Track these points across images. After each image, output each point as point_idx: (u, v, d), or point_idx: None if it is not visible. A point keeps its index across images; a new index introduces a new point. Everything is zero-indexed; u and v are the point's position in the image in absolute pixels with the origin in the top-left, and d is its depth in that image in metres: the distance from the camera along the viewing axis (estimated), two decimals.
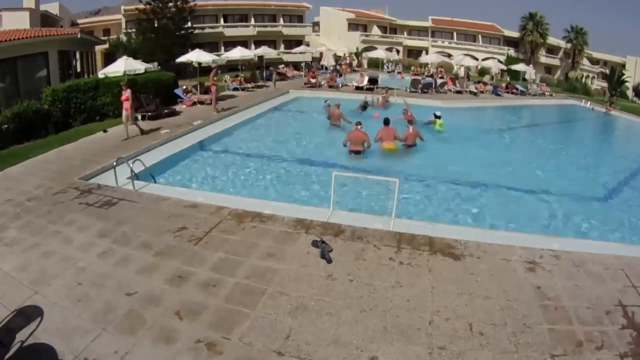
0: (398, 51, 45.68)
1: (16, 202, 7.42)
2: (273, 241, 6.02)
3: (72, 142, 11.54)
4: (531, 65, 34.64)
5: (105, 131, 12.70)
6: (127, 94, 11.60)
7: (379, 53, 33.92)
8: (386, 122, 12.03)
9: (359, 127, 11.53)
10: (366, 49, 41.41)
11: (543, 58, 45.75)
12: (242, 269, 5.32)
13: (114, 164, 8.40)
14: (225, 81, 22.92)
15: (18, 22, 21.95)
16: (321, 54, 35.16)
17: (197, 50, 21.95)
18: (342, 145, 11.56)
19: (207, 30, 36.80)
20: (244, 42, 33.32)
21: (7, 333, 4.17)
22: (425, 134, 12.85)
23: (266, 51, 27.00)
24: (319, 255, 5.58)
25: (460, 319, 4.42)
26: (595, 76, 44.48)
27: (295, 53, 37.09)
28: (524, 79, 30.33)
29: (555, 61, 46.28)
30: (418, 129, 12.62)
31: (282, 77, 27.67)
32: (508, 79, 34.48)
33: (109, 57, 27.13)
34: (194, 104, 17.40)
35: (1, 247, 5.90)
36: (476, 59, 36.74)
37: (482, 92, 26.14)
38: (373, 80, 24.53)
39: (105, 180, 8.45)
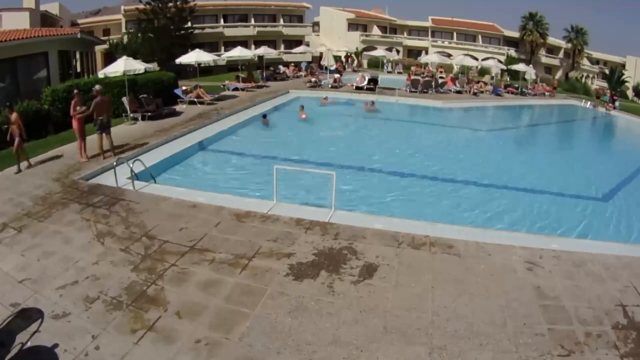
0: (398, 51, 45.63)
1: (16, 202, 7.41)
2: (273, 241, 6.02)
3: (72, 142, 11.50)
4: (531, 65, 34.57)
5: None
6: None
7: (379, 53, 33.93)
8: None
9: None
10: (366, 49, 41.36)
11: (543, 58, 45.73)
12: (242, 268, 5.32)
13: (114, 164, 8.40)
14: (224, 85, 22.72)
15: (18, 22, 21.94)
16: (321, 53, 35.14)
17: (197, 50, 21.91)
18: None
19: (207, 30, 36.79)
20: (244, 42, 33.26)
21: (7, 334, 4.18)
22: None
23: (266, 51, 26.96)
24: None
25: (460, 319, 4.42)
26: (595, 76, 44.43)
27: (295, 53, 37.07)
28: (524, 79, 30.30)
29: (555, 61, 46.23)
30: None
31: (282, 76, 27.69)
32: (508, 79, 34.47)
33: (109, 57, 27.09)
34: (192, 103, 17.33)
35: (1, 247, 5.90)
36: (476, 59, 36.69)
37: (482, 92, 26.13)
38: (373, 81, 24.52)
39: (105, 180, 8.45)
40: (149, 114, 14.40)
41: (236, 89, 21.86)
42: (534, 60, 43.11)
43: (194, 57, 20.76)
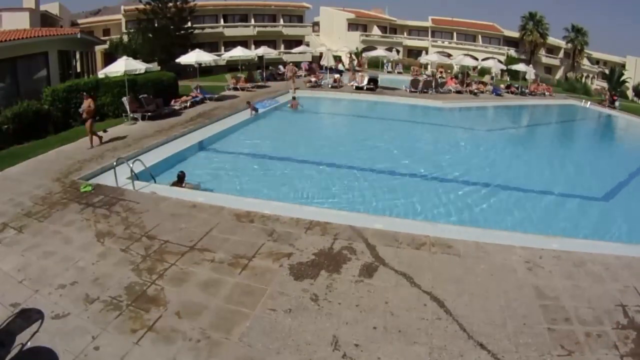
0: (398, 51, 45.63)
1: (16, 202, 7.41)
2: (273, 241, 6.02)
3: (72, 142, 11.54)
4: (531, 65, 34.55)
5: (105, 131, 12.69)
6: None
7: (379, 53, 33.94)
8: None
9: None
10: (366, 49, 41.35)
11: (543, 58, 45.73)
12: (242, 268, 5.32)
13: (114, 164, 8.40)
14: (227, 86, 22.74)
15: (18, 22, 21.91)
16: (321, 53, 35.14)
17: (197, 50, 21.91)
18: None
19: (207, 30, 36.74)
20: (244, 42, 33.24)
21: (7, 334, 4.17)
22: None
23: (266, 51, 26.94)
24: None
25: (460, 319, 4.42)
26: (595, 76, 44.42)
27: (295, 53, 37.06)
28: (524, 79, 30.29)
29: (555, 61, 46.22)
30: None
31: (282, 76, 27.75)
32: (508, 79, 34.46)
33: (109, 57, 27.07)
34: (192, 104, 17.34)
35: (1, 247, 5.90)
36: (476, 59, 36.67)
37: (482, 92, 26.13)
38: (373, 80, 24.51)
39: (105, 180, 8.46)
40: (149, 114, 14.41)
41: (236, 88, 21.87)
42: (534, 60, 43.10)
43: (194, 57, 20.75)
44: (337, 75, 26.34)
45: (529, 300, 4.73)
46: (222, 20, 38.69)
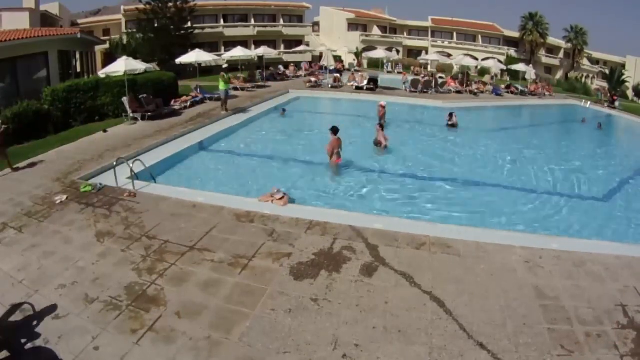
0: (398, 51, 45.66)
1: (16, 202, 7.41)
2: (273, 241, 6.02)
3: (72, 142, 11.54)
4: (531, 65, 34.57)
5: (105, 131, 12.70)
6: None
7: (379, 53, 33.96)
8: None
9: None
10: (366, 49, 41.38)
11: (543, 58, 45.76)
12: (242, 268, 5.32)
13: (114, 164, 8.41)
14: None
15: (18, 22, 21.93)
16: (321, 53, 35.18)
17: (197, 50, 21.95)
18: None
19: (207, 30, 36.77)
20: (244, 42, 33.27)
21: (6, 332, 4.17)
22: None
23: (266, 51, 26.99)
24: None
25: (460, 318, 4.42)
26: (595, 76, 44.47)
27: (295, 53, 37.09)
28: (524, 79, 30.30)
29: (555, 61, 46.26)
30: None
31: (282, 76, 27.81)
32: (508, 79, 34.49)
33: (109, 57, 27.09)
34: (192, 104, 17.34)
35: (1, 247, 5.90)
36: (476, 59, 36.68)
37: (482, 92, 26.13)
38: (373, 81, 24.52)
39: (105, 180, 8.45)
40: (149, 114, 14.42)
41: (236, 88, 21.88)
42: (534, 60, 43.14)
43: (194, 57, 20.80)
44: (337, 75, 26.36)
45: (529, 300, 4.73)
46: (222, 20, 38.72)
